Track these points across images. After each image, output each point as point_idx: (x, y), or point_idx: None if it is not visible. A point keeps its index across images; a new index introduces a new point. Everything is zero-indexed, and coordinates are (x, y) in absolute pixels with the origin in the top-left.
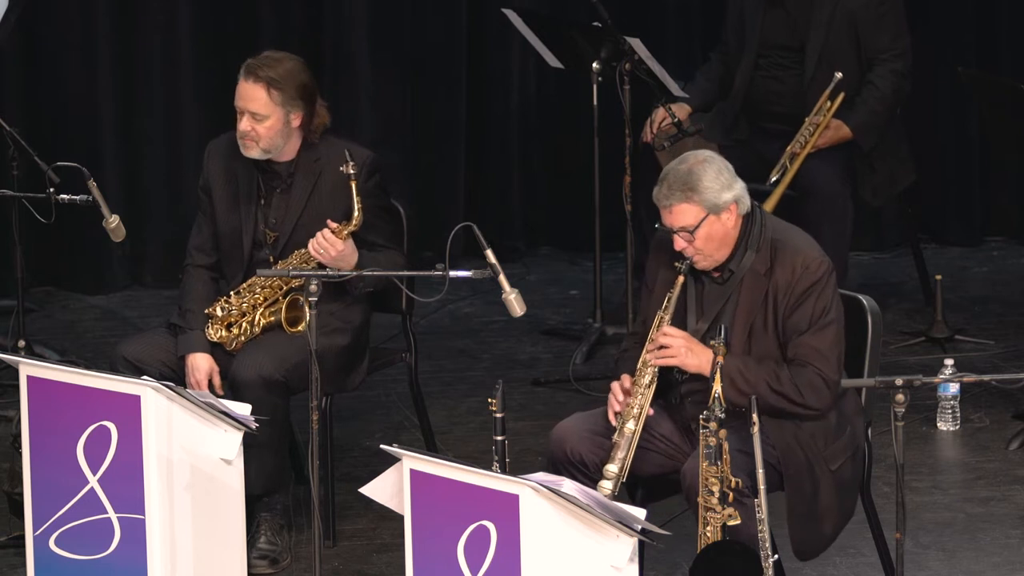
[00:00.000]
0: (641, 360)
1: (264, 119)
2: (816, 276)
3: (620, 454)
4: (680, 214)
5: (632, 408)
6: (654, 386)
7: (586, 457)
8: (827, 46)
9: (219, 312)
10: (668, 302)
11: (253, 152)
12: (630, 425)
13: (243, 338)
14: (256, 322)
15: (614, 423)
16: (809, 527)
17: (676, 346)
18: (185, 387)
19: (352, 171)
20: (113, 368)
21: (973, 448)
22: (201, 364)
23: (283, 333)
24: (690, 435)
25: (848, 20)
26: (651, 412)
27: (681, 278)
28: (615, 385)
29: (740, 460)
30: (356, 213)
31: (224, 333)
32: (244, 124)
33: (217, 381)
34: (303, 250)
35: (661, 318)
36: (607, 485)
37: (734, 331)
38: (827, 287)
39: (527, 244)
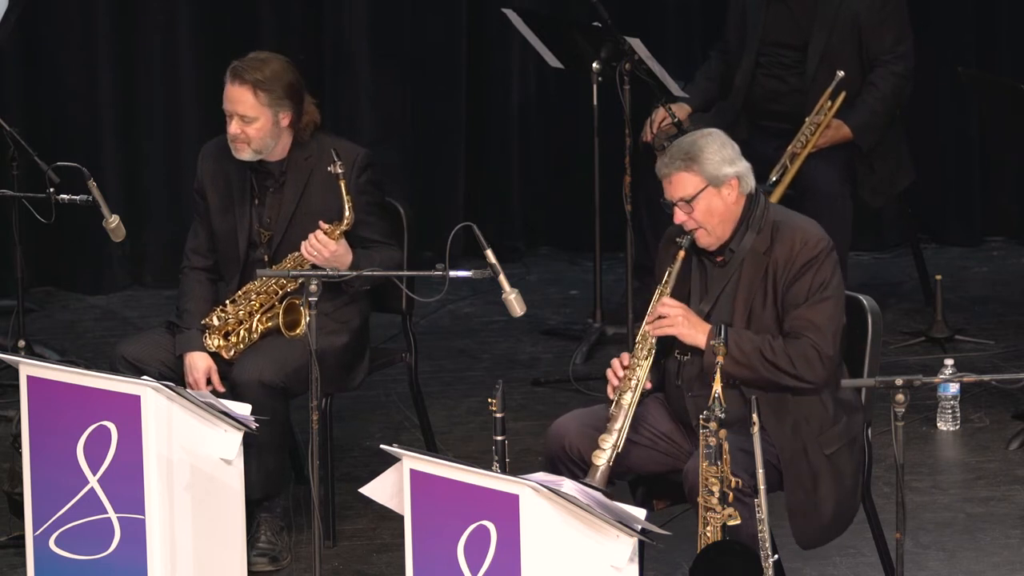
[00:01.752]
0: (640, 332)
1: (253, 121)
2: (815, 251)
3: (616, 425)
4: (679, 183)
5: (630, 380)
6: (651, 358)
7: (585, 453)
8: (830, 46)
9: (215, 322)
10: (668, 276)
11: (245, 154)
12: (627, 396)
13: (241, 346)
14: (254, 328)
15: (612, 396)
16: (807, 514)
17: (673, 315)
18: (185, 387)
19: (340, 171)
20: (113, 368)
21: (973, 448)
22: (199, 363)
23: (282, 337)
24: (691, 433)
25: (852, 21)
26: (648, 385)
27: (682, 253)
28: (614, 360)
29: (741, 459)
30: (347, 212)
31: (221, 342)
32: (234, 127)
33: (216, 379)
34: (296, 253)
35: (660, 292)
36: (603, 456)
37: (735, 310)
38: (826, 263)
39: (527, 244)
